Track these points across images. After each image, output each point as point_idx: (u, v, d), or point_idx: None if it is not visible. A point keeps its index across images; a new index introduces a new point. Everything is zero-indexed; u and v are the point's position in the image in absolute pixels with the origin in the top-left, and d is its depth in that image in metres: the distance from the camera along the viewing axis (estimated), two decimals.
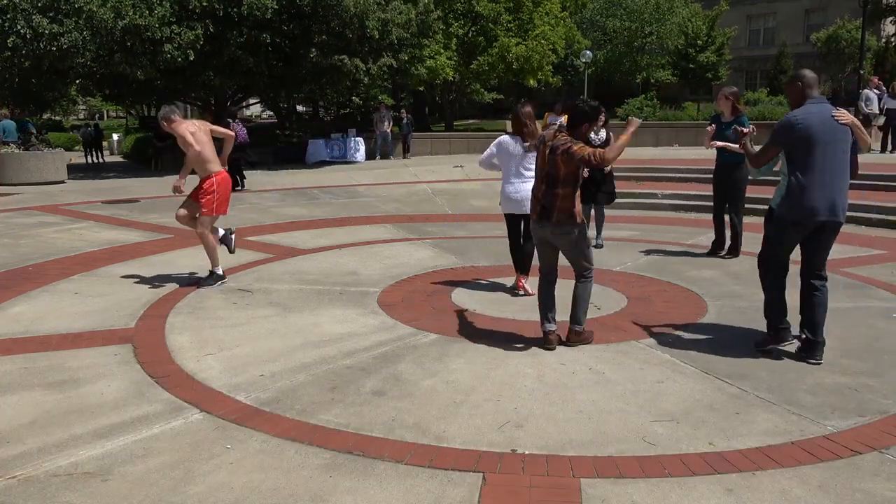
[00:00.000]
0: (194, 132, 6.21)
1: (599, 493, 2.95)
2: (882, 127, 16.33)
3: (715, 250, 7.85)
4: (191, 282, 6.61)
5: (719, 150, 7.54)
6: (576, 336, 4.79)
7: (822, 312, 4.63)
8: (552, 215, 4.61)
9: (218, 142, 6.54)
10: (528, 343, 4.86)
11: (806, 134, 4.36)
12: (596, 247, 7.98)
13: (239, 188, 13.42)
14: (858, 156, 4.62)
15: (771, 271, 4.76)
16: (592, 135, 7.40)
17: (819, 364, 4.50)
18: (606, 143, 7.80)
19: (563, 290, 4.94)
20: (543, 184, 4.66)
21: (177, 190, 6.27)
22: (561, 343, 4.80)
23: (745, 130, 5.17)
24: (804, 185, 4.40)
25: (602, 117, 8.13)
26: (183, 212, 6.43)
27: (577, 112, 4.69)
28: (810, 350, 4.58)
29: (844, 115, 4.44)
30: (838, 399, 3.90)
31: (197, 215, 6.39)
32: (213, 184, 6.32)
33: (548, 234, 4.71)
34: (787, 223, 4.56)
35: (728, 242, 7.77)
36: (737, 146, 6.13)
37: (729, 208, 7.77)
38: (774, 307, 4.76)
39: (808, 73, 4.59)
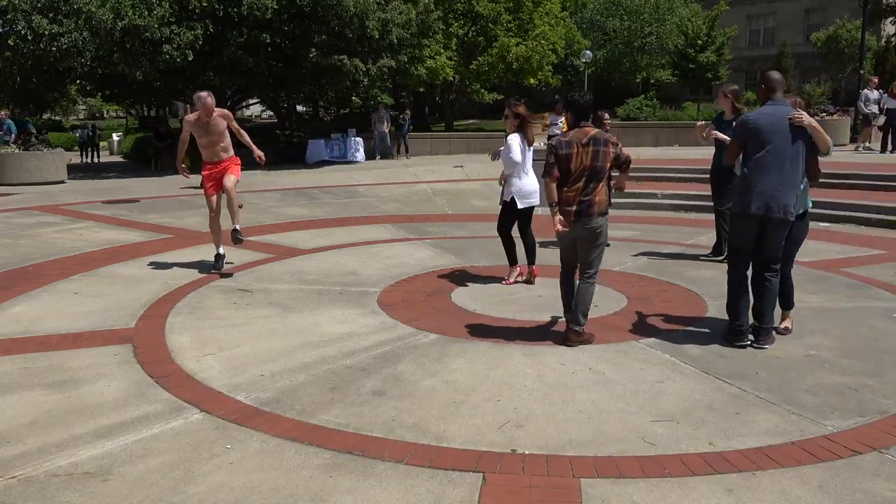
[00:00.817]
0: None
1: (599, 493, 2.95)
2: (882, 127, 16.32)
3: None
4: (217, 269, 7.01)
5: (716, 150, 7.49)
6: (576, 336, 4.79)
7: (769, 300, 4.78)
8: (593, 210, 4.69)
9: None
10: (528, 343, 4.86)
11: (754, 133, 4.61)
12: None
13: None
14: (821, 157, 4.84)
15: (731, 265, 4.96)
16: None
17: (764, 349, 4.69)
18: None
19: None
20: (582, 182, 4.67)
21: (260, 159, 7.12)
22: (562, 343, 4.82)
23: (722, 138, 5.24)
24: (747, 180, 4.68)
25: (607, 119, 8.26)
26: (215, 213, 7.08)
27: (582, 105, 4.80)
28: (757, 335, 4.78)
29: (801, 117, 4.54)
30: (838, 399, 3.90)
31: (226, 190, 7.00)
32: (237, 160, 7.14)
33: (580, 230, 4.75)
34: (733, 214, 4.88)
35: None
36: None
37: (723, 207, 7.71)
38: (731, 306, 4.92)
39: (772, 77, 4.75)
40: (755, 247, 4.77)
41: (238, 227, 6.92)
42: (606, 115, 8.54)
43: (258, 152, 7.06)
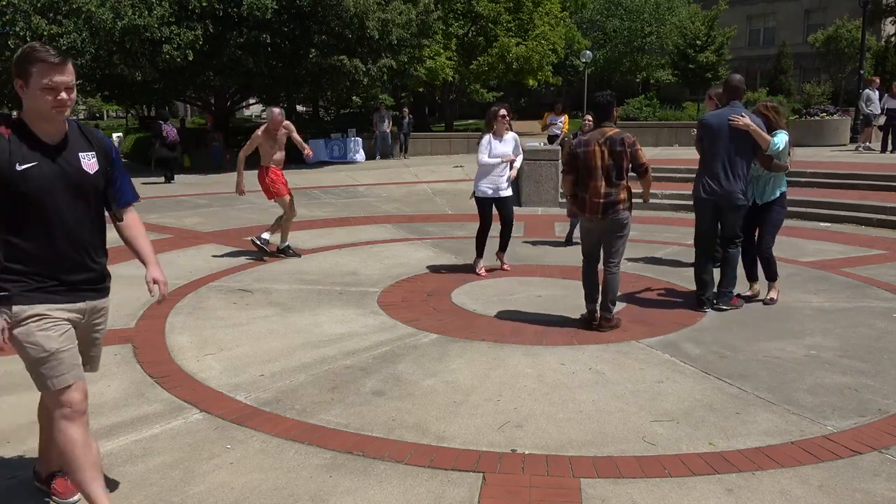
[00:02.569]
0: None
1: (599, 493, 2.95)
2: (882, 127, 16.30)
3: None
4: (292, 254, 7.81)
5: None
6: (607, 322, 5.13)
7: (728, 265, 5.62)
8: (619, 207, 5.03)
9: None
10: (528, 343, 4.86)
11: (707, 131, 5.55)
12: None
13: (171, 182, 15.78)
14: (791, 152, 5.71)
15: (696, 245, 5.81)
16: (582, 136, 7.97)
17: (723, 310, 5.54)
18: None
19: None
20: (604, 181, 5.01)
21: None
22: (594, 327, 5.11)
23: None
24: (701, 171, 5.63)
25: (588, 120, 8.34)
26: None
27: (604, 104, 5.16)
28: (717, 297, 5.66)
29: (737, 120, 5.34)
30: (838, 399, 3.90)
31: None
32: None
33: (606, 225, 5.08)
34: (693, 199, 5.76)
35: None
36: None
37: None
38: (696, 278, 5.76)
39: (728, 83, 5.61)
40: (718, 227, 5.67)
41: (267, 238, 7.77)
42: (589, 117, 8.53)
43: (308, 150, 7.92)
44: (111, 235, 2.83)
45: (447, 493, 2.94)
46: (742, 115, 5.35)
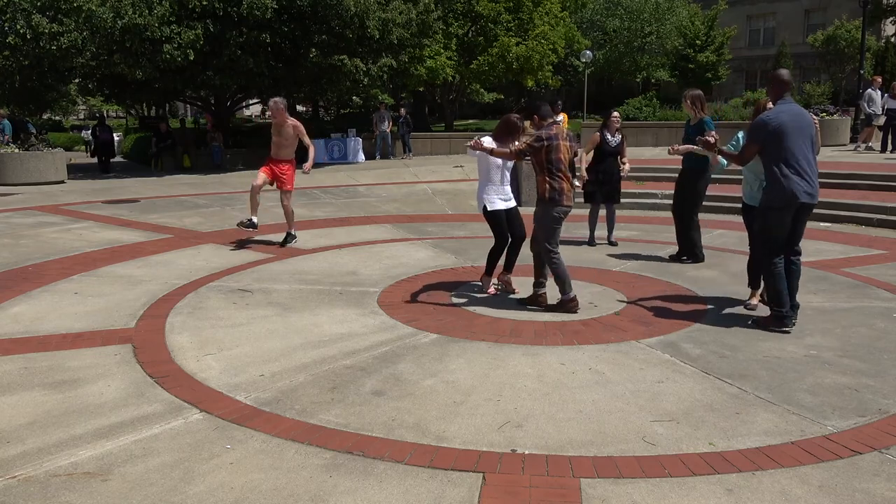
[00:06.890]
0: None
1: (599, 493, 2.95)
2: (882, 127, 16.30)
3: (679, 256, 7.60)
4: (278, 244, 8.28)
5: (685, 154, 7.33)
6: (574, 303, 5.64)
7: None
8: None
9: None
10: (528, 343, 4.86)
11: None
12: (611, 244, 8.55)
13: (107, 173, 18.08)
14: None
15: None
16: (609, 136, 8.41)
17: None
18: (621, 144, 8.45)
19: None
20: (568, 172, 5.64)
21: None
22: (567, 311, 5.55)
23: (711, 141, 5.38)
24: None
25: (616, 116, 8.42)
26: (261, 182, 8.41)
27: (544, 109, 5.76)
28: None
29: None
30: (838, 399, 3.90)
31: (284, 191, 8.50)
32: (293, 166, 8.55)
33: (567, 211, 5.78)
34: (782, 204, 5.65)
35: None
36: (696, 148, 6.41)
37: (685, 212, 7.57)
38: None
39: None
40: None
41: (291, 231, 8.54)
42: (616, 113, 8.54)
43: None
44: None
45: (447, 493, 2.94)
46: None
